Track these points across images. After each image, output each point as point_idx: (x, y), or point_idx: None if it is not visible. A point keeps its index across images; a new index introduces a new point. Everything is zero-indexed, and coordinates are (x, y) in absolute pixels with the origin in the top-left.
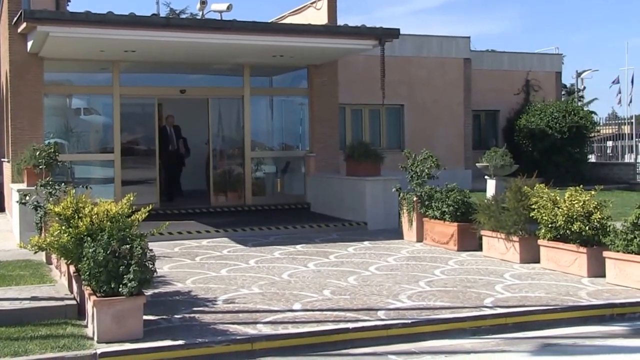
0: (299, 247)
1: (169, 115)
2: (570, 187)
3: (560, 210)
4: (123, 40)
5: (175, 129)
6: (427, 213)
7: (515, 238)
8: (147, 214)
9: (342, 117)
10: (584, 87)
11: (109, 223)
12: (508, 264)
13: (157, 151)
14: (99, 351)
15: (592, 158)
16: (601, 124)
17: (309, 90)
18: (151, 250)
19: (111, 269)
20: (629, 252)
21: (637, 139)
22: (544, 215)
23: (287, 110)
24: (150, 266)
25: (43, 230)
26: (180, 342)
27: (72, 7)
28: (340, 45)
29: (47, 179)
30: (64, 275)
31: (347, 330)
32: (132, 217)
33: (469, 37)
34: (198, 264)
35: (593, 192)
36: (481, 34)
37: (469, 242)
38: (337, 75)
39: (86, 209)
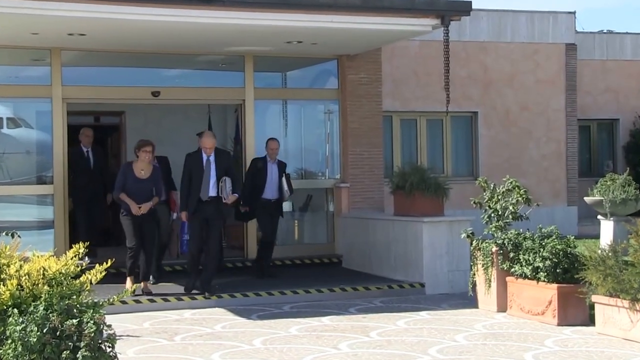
0: (325, 319)
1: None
2: None
3: None
4: (66, 18)
5: (280, 165)
6: (513, 270)
7: None
8: (104, 274)
9: (387, 130)
10: None
11: (46, 287)
12: (635, 346)
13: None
14: None
15: None
16: None
17: (339, 92)
18: (110, 326)
19: (49, 355)
20: None
21: None
22: None
23: (307, 121)
24: (109, 350)
25: None
26: None
27: None
28: (385, 26)
29: None
30: None
31: None
32: (81, 279)
33: (573, 13)
34: (178, 347)
35: None
36: (591, 7)
37: (575, 312)
38: (380, 70)
39: (12, 267)
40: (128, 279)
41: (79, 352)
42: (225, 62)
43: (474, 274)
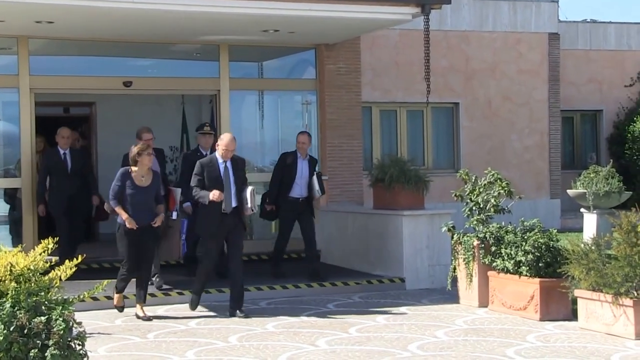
0: (303, 316)
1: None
2: None
3: None
4: (34, 5)
5: (311, 161)
6: (495, 264)
7: (627, 301)
8: (74, 269)
9: (366, 121)
10: None
11: (13, 284)
12: (617, 341)
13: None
14: None
15: None
16: None
17: (317, 83)
18: (80, 323)
19: (16, 354)
20: None
21: None
22: None
23: (285, 112)
24: (79, 348)
25: None
26: None
27: None
28: (364, 14)
29: None
30: None
31: None
32: (50, 275)
33: (556, 1)
34: (152, 344)
35: None
36: None
37: (558, 307)
38: (359, 60)
39: None
40: (116, 296)
41: (48, 351)
42: (200, 52)
43: (455, 269)
